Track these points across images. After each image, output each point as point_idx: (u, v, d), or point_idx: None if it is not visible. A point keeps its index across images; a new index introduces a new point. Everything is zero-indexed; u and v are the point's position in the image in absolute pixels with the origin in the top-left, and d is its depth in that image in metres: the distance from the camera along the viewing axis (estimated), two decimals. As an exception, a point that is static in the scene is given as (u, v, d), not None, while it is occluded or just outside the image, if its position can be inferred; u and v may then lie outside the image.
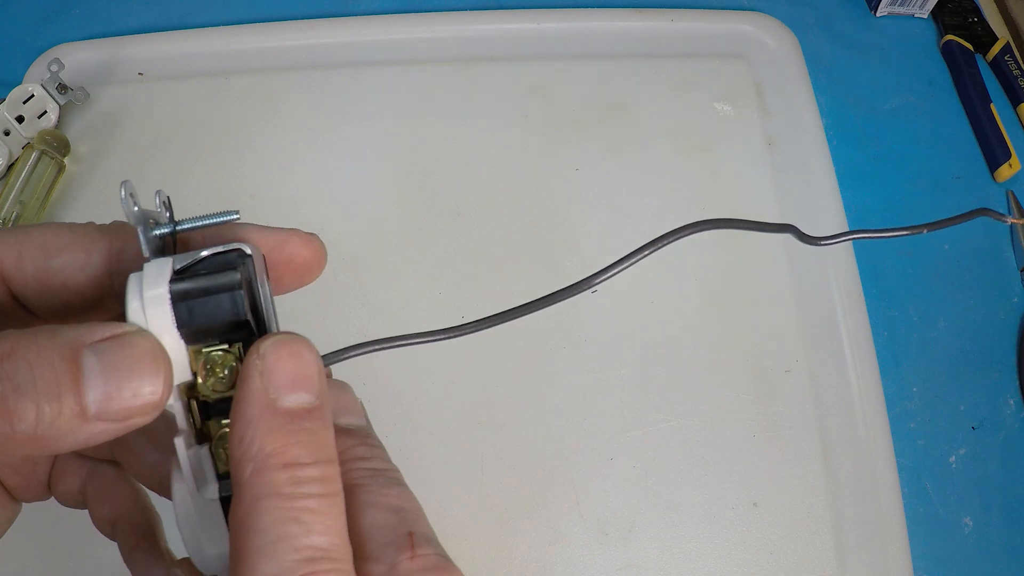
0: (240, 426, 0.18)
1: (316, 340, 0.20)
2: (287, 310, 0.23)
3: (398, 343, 0.21)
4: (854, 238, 0.20)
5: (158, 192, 0.21)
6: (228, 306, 0.19)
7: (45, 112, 0.54)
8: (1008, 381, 0.50)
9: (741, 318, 0.50)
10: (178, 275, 0.19)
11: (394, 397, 0.47)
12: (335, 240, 0.51)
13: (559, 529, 0.45)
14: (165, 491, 0.23)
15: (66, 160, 0.54)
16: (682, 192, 0.54)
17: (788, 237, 0.20)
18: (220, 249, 0.20)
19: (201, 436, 0.20)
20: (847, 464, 0.46)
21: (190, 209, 0.23)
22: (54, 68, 0.53)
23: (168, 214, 0.21)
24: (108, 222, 0.22)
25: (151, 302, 0.19)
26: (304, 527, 0.17)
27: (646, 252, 0.20)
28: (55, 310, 0.22)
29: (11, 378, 0.16)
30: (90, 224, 0.22)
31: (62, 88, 0.54)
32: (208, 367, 0.19)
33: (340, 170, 0.54)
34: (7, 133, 0.53)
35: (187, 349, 0.19)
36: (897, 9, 0.62)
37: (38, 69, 0.56)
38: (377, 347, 0.21)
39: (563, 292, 0.20)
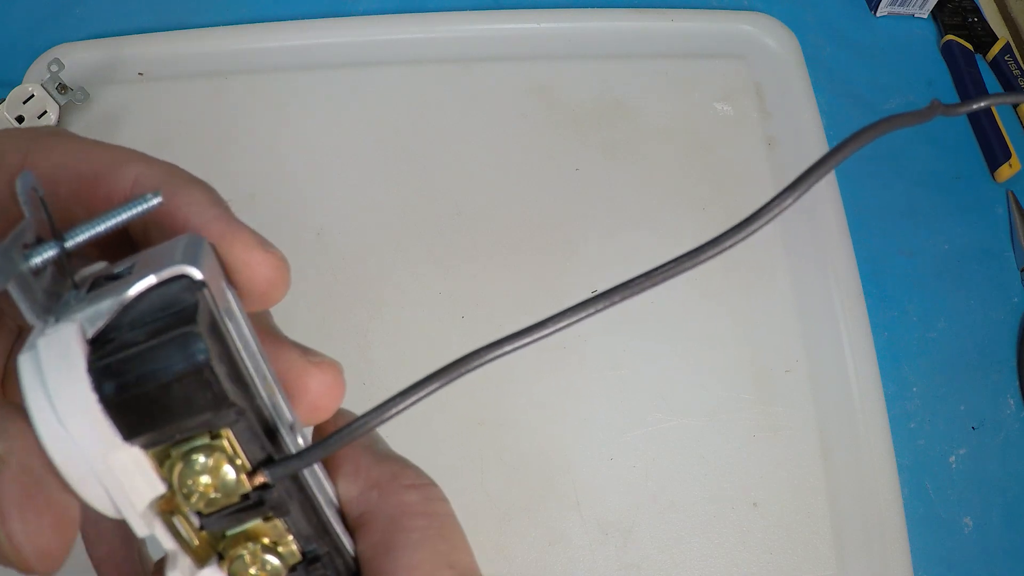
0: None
1: (316, 341, 0.20)
2: (286, 312, 0.23)
3: (498, 353, 0.15)
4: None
5: (21, 177, 0.13)
6: (197, 392, 0.13)
7: (45, 112, 0.54)
8: (1008, 381, 0.50)
9: (741, 318, 0.50)
10: (98, 350, 0.13)
11: (394, 397, 0.47)
12: (335, 240, 0.51)
13: (559, 529, 0.45)
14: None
15: (66, 160, 0.54)
16: (682, 192, 0.54)
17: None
18: (154, 282, 0.13)
19: (205, 552, 0.15)
20: (847, 464, 0.46)
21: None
22: (54, 68, 0.53)
23: (48, 220, 0.14)
24: None
25: (69, 413, 0.12)
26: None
27: (788, 201, 0.14)
28: None
29: None
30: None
31: (62, 88, 0.54)
32: (183, 473, 0.14)
33: (340, 170, 0.54)
34: (7, 133, 0.53)
35: (147, 455, 0.14)
36: (897, 9, 0.62)
37: (38, 69, 0.56)
38: (473, 366, 0.15)
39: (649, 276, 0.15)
